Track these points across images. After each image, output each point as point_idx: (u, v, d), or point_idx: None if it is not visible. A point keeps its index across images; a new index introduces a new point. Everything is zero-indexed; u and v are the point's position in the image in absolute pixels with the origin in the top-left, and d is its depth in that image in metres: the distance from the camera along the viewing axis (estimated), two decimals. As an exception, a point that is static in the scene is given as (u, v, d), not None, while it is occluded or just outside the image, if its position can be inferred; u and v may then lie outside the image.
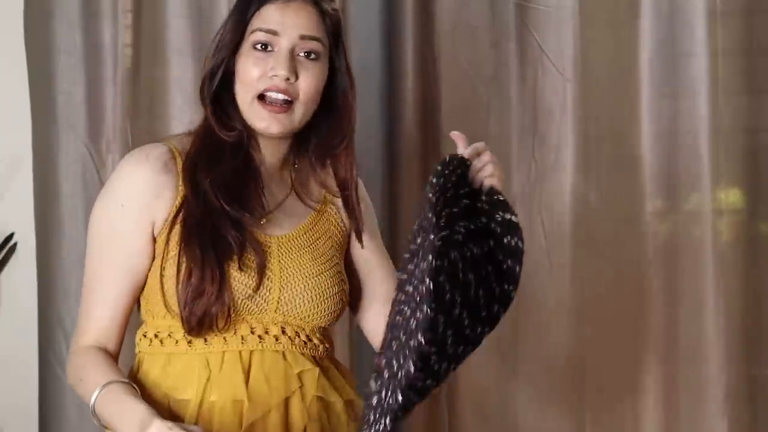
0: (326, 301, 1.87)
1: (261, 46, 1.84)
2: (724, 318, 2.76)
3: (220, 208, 1.81)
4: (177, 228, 1.81)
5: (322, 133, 1.92)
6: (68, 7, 2.71)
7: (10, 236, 2.68)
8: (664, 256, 2.80)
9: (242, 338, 1.83)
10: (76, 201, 2.70)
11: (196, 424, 1.77)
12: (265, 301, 1.83)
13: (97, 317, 1.84)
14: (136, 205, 1.82)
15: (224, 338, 1.82)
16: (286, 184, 1.94)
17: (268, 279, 1.82)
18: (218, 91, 1.87)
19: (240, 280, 1.81)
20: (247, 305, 1.82)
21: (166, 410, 1.80)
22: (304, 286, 1.85)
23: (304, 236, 1.90)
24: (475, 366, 2.81)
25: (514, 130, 2.83)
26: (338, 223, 1.96)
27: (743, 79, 2.77)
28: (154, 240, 1.84)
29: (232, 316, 1.80)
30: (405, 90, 2.81)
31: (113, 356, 1.85)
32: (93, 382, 1.77)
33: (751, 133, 2.80)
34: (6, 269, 2.68)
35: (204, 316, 1.78)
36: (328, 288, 1.87)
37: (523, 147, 2.83)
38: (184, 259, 1.79)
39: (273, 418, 1.80)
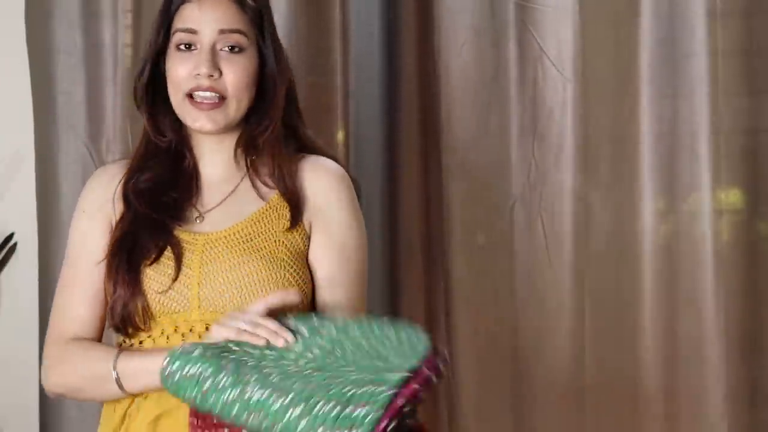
0: (256, 293, 1.81)
1: (184, 46, 1.87)
2: (724, 318, 2.76)
3: (143, 213, 1.86)
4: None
5: (251, 120, 1.92)
6: (68, 7, 2.71)
7: (10, 236, 2.69)
8: (664, 256, 2.80)
9: (167, 337, 1.83)
10: (76, 201, 2.69)
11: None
12: (183, 297, 1.82)
13: (77, 316, 1.88)
14: (93, 208, 1.91)
15: (153, 339, 1.84)
16: (235, 180, 1.93)
17: (185, 276, 1.83)
18: (154, 95, 1.91)
19: (153, 278, 1.83)
20: (165, 302, 1.82)
21: (112, 404, 1.86)
22: (224, 279, 1.82)
23: (243, 231, 1.87)
24: (474, 366, 2.81)
25: (514, 130, 2.83)
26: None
27: (743, 80, 2.77)
28: None
29: (149, 314, 1.83)
30: (405, 90, 2.82)
31: None
32: (103, 350, 1.82)
33: (751, 134, 2.79)
34: (6, 269, 2.68)
35: (122, 316, 1.83)
36: (257, 279, 1.82)
37: (523, 147, 2.83)
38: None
39: (183, 412, 1.75)
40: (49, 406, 2.71)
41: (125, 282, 1.83)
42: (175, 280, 1.82)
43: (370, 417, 1.53)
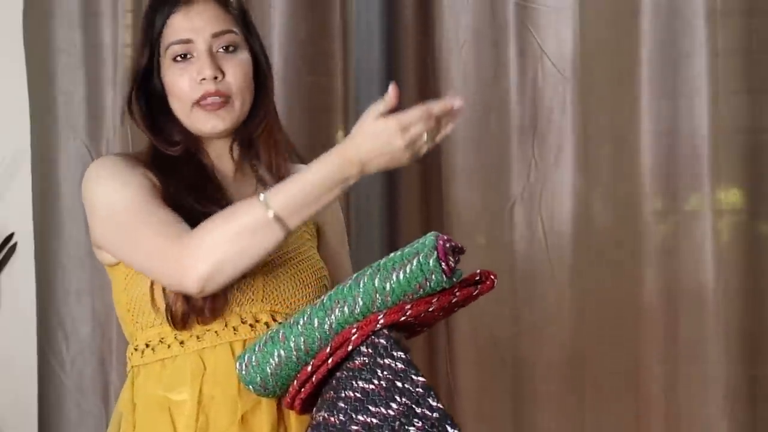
0: (310, 285, 1.85)
1: (180, 57, 1.86)
2: (724, 318, 2.76)
3: (190, 207, 1.81)
4: None
5: (249, 118, 1.91)
6: (68, 7, 2.71)
7: (10, 236, 2.69)
8: (664, 256, 2.80)
9: (234, 329, 1.81)
10: (76, 201, 2.70)
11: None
12: (250, 290, 1.82)
13: (181, 221, 1.77)
14: (127, 168, 1.83)
15: (216, 332, 1.81)
16: (248, 182, 1.93)
17: None
18: (151, 111, 1.89)
19: None
20: (235, 295, 1.81)
21: (166, 412, 1.80)
22: (286, 271, 1.84)
23: None
24: (474, 366, 2.81)
25: (514, 130, 2.83)
26: None
27: (743, 79, 2.77)
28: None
29: (218, 306, 1.80)
30: (405, 90, 2.81)
31: None
32: (242, 204, 1.73)
33: (751, 133, 2.79)
34: (6, 269, 2.68)
35: (189, 310, 1.78)
36: (310, 273, 1.86)
37: (523, 147, 2.83)
38: None
39: (265, 407, 1.77)
40: (48, 407, 2.71)
41: None
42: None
43: (427, 249, 1.70)
